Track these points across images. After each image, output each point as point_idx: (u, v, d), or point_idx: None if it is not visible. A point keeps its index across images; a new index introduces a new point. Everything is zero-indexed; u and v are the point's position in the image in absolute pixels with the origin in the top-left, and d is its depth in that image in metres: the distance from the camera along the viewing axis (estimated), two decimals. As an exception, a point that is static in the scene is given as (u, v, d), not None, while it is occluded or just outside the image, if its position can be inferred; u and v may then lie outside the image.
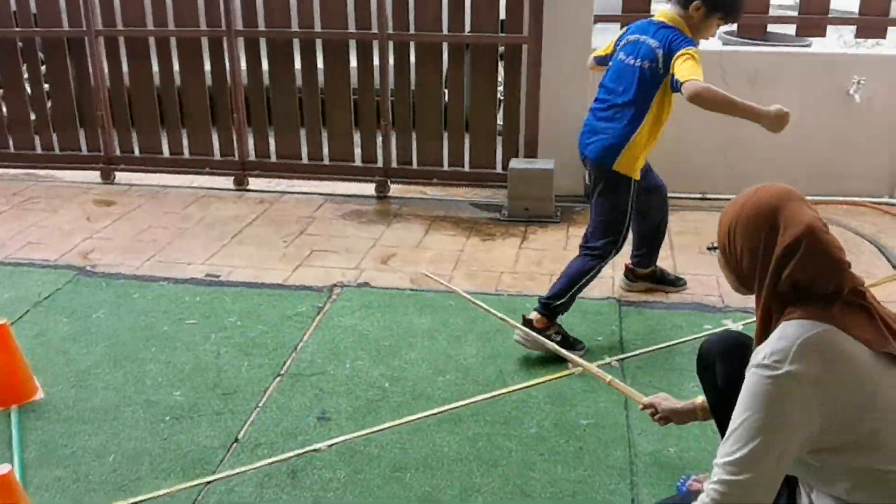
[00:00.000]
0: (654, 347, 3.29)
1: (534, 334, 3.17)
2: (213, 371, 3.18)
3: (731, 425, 1.79)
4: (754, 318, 1.90)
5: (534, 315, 3.25)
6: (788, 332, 1.76)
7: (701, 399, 2.46)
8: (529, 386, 3.04)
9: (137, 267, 4.12)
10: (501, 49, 4.90)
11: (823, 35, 4.74)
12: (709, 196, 4.96)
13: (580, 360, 2.92)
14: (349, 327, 3.48)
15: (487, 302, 3.62)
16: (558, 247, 4.35)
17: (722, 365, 2.27)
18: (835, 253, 1.80)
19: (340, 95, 5.04)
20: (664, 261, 3.94)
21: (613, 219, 3.21)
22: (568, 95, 4.77)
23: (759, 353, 1.77)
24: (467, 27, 4.84)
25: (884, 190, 4.88)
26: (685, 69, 2.92)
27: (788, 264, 1.78)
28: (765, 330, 1.85)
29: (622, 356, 3.23)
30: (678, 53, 2.97)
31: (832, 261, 1.79)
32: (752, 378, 1.77)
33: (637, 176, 3.20)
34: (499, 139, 5.03)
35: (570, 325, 3.39)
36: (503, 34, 4.80)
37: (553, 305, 3.21)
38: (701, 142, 4.76)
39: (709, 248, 2.21)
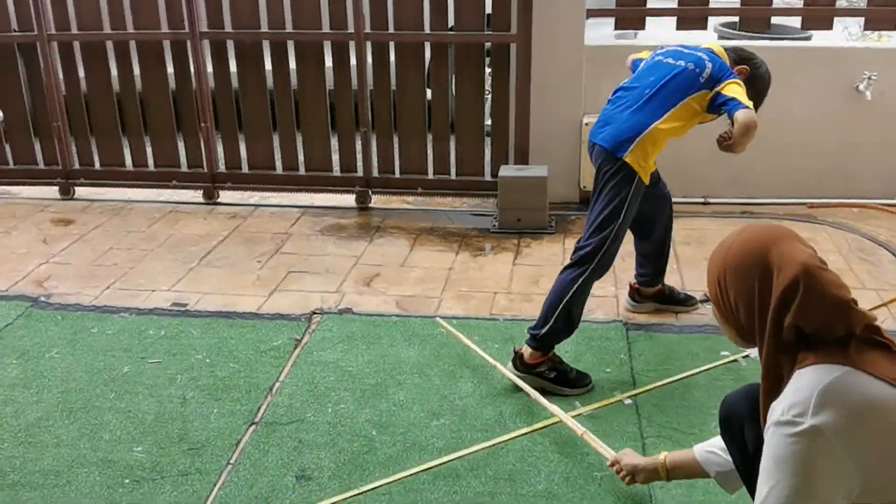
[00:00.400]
0: (669, 380, 2.98)
1: (515, 378, 2.87)
2: (178, 421, 2.83)
3: (758, 497, 1.60)
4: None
5: (525, 349, 2.93)
6: (804, 380, 1.59)
7: (664, 455, 2.25)
8: (534, 430, 2.72)
9: (96, 296, 3.76)
10: (488, 46, 4.57)
11: (830, 28, 4.44)
12: (711, 200, 4.66)
13: (555, 409, 2.68)
14: (330, 363, 3.15)
15: (482, 328, 3.33)
16: (555, 262, 4.02)
17: (752, 428, 1.97)
18: (837, 292, 1.64)
19: (315, 99, 4.69)
20: (670, 276, 3.63)
21: (608, 216, 2.87)
22: (560, 97, 4.45)
23: (776, 410, 1.60)
24: (451, 22, 4.50)
25: (895, 191, 4.59)
26: (739, 94, 2.79)
27: (789, 310, 1.62)
28: (774, 384, 1.67)
29: (635, 392, 2.92)
30: (729, 80, 2.84)
31: (836, 301, 1.63)
32: (773, 439, 1.58)
33: (645, 177, 2.89)
34: (487, 144, 4.69)
35: (575, 353, 3.08)
36: (489, 32, 4.46)
37: (542, 335, 2.89)
38: (702, 142, 4.44)
39: (702, 301, 1.97)
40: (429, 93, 4.64)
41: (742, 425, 2.05)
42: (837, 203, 4.57)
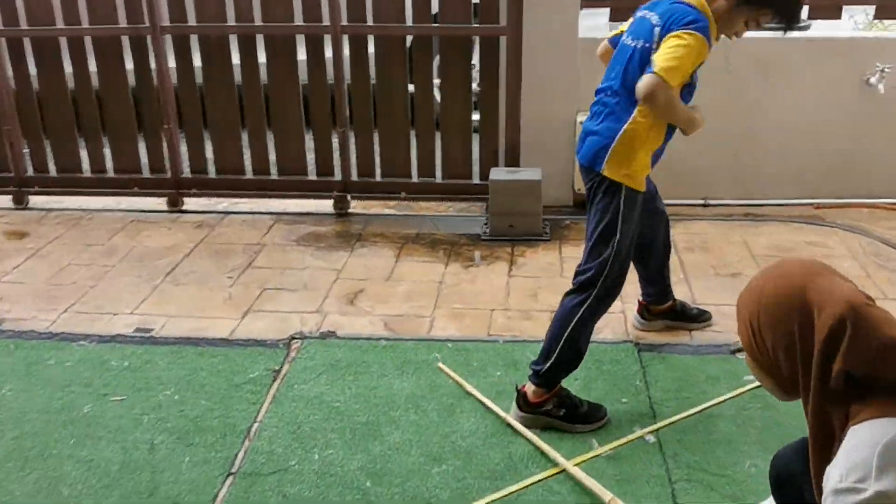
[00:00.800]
0: (692, 411, 2.70)
1: (515, 423, 2.59)
2: (146, 471, 2.50)
3: None
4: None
5: (528, 387, 2.63)
6: (861, 439, 1.42)
7: None
8: (549, 477, 2.43)
9: (53, 321, 3.39)
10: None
11: (838, 17, 4.19)
12: (711, 202, 4.39)
13: (574, 470, 2.40)
14: (314, 398, 2.82)
15: (481, 352, 3.03)
16: (553, 272, 3.73)
17: (811, 490, 1.71)
18: (890, 331, 1.46)
19: (288, 97, 4.34)
20: (678, 287, 3.36)
21: (602, 235, 2.54)
22: (553, 93, 4.15)
23: (833, 475, 1.43)
24: (434, 8, 4.18)
25: (906, 189, 4.36)
26: (661, 56, 2.31)
27: (835, 355, 1.46)
28: (825, 441, 1.51)
29: (656, 427, 2.63)
30: (669, 36, 2.35)
31: (889, 341, 1.45)
32: None
33: (636, 185, 2.53)
34: (475, 145, 4.38)
35: (585, 381, 2.79)
36: (477, 24, 4.14)
37: (545, 371, 2.58)
38: (702, 139, 4.18)
39: (733, 352, 1.75)
40: (411, 88, 4.31)
41: (800, 488, 1.80)
42: (846, 203, 4.32)
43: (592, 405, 2.66)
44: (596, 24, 4.39)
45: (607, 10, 4.23)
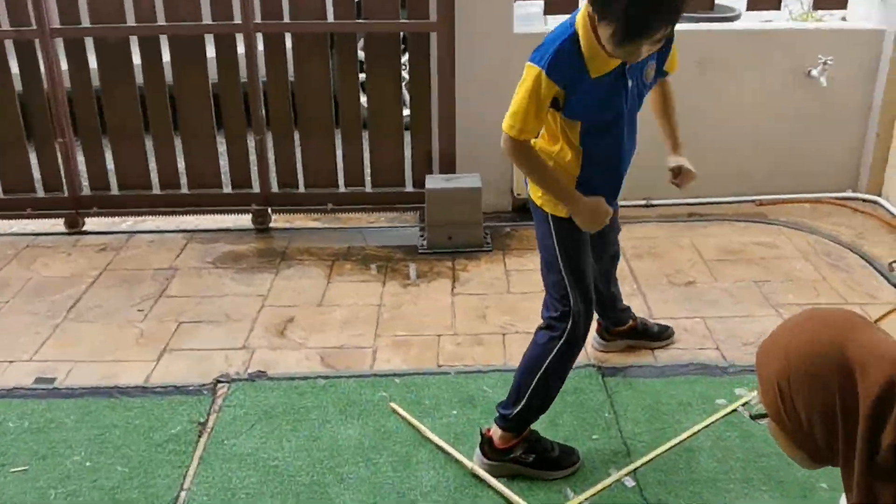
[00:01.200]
0: (668, 446, 2.48)
1: (481, 472, 2.33)
2: (52, 563, 2.12)
3: None
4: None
5: (493, 430, 2.37)
6: None
7: None
8: (524, 538, 2.17)
9: (-68, 373, 2.94)
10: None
11: (778, 7, 4.04)
12: (654, 203, 4.21)
13: None
14: (248, 456, 2.48)
15: (432, 387, 2.75)
16: (499, 288, 3.47)
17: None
18: None
19: (196, 101, 3.92)
20: (631, 300, 3.16)
21: (548, 265, 2.30)
22: (488, 93, 3.85)
23: None
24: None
25: (845, 183, 4.27)
26: (513, 100, 2.11)
27: (884, 425, 1.24)
28: None
29: (633, 466, 2.40)
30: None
31: None
32: None
33: (558, 212, 2.25)
34: (407, 150, 4.06)
35: (550, 415, 2.51)
36: (405, 20, 3.82)
37: (514, 415, 2.32)
38: (641, 138, 4.00)
39: (753, 418, 1.53)
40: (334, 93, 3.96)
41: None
42: (788, 199, 4.21)
43: (564, 448, 2.41)
44: (528, 14, 4.14)
45: (541, 1, 3.96)
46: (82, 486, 2.37)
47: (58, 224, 4.09)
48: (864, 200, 4.19)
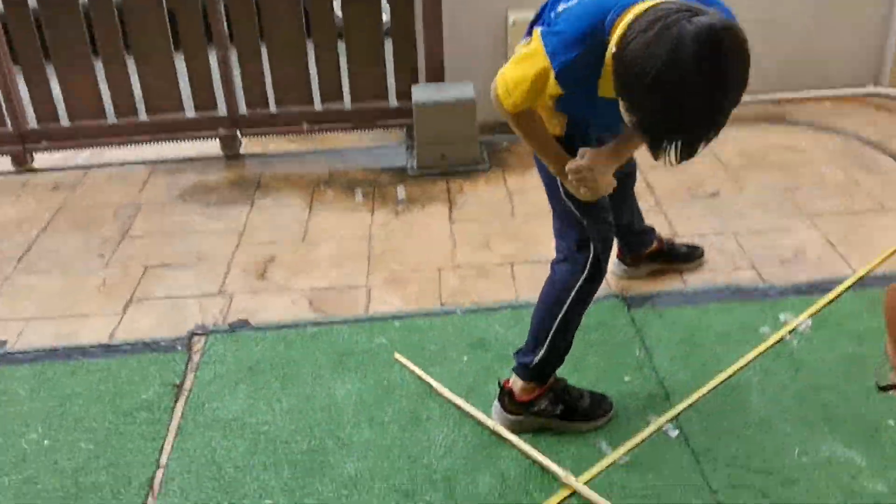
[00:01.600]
0: (711, 386, 2.18)
1: (501, 430, 2.02)
2: (11, 566, 1.81)
3: None
4: (819, 306, 1.47)
5: (513, 381, 2.05)
6: None
7: None
8: (563, 501, 1.87)
9: None
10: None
11: None
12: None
13: (589, 493, 1.85)
14: (234, 422, 2.16)
15: (436, 330, 2.43)
16: (502, 211, 3.11)
17: None
18: None
19: (149, 13, 3.45)
20: (652, 217, 2.83)
21: (562, 218, 1.97)
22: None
23: None
24: None
25: (866, 77, 3.90)
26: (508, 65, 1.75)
27: None
28: None
29: (674, 412, 2.10)
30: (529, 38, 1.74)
31: None
32: None
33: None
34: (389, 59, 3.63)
35: (575, 357, 2.18)
36: None
37: (536, 364, 2.00)
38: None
39: (882, 389, 1.19)
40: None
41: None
42: (808, 98, 3.84)
43: (594, 395, 2.10)
44: None
45: None
46: (40, 470, 2.04)
47: (3, 163, 3.66)
48: (889, 97, 3.83)
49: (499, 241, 2.91)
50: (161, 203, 3.32)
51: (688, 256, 2.67)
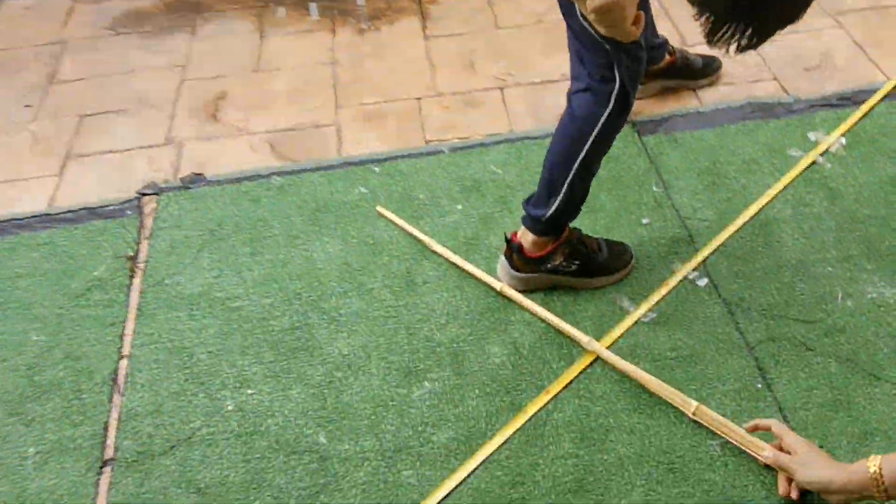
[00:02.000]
0: (738, 225, 1.93)
1: (509, 292, 1.76)
2: (-34, 484, 1.59)
3: None
4: (852, 122, 1.39)
5: (522, 235, 1.78)
6: None
7: (877, 463, 1.27)
8: (581, 373, 1.66)
9: None
10: None
11: None
12: None
13: (614, 359, 1.65)
14: (200, 297, 1.89)
15: (423, 173, 2.17)
16: (484, 23, 2.71)
17: None
18: None
19: None
20: (658, 25, 2.45)
21: (588, 47, 1.56)
22: None
23: None
24: None
25: None
26: None
27: None
28: None
29: (700, 258, 1.86)
30: None
31: None
32: None
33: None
34: None
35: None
36: None
37: (549, 216, 1.71)
38: None
39: None
40: None
41: None
42: None
43: (613, 245, 1.84)
44: None
45: None
46: (-13, 370, 1.78)
47: None
48: None
49: (484, 60, 2.54)
50: (89, 38, 2.86)
51: (704, 70, 2.33)
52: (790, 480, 1.41)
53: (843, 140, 2.11)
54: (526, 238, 1.76)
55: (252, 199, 2.12)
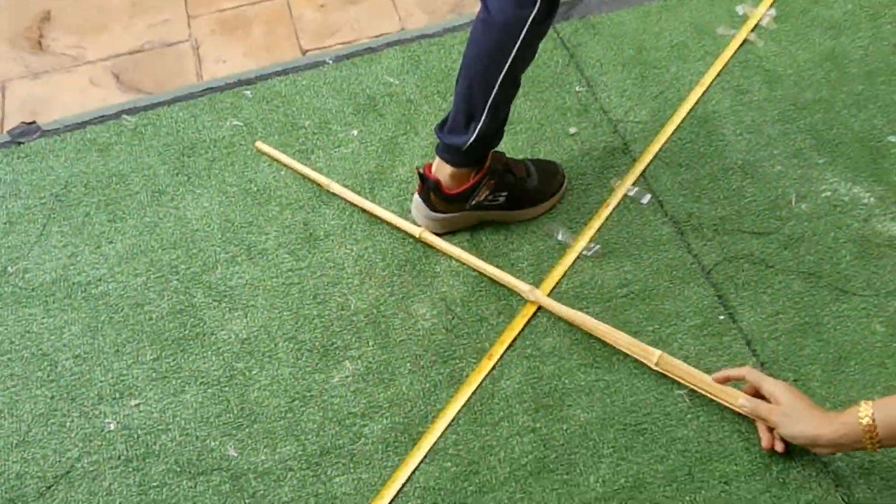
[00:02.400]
0: (675, 125, 1.70)
1: (429, 237, 1.51)
2: None
3: None
4: None
5: (437, 168, 1.49)
6: None
7: (868, 410, 1.14)
8: (525, 326, 1.44)
9: None
10: None
11: None
12: None
13: (544, 299, 1.47)
14: (53, 287, 1.54)
15: (303, 93, 1.85)
16: None
17: None
18: None
19: None
20: None
21: None
22: None
23: None
24: None
25: None
26: None
27: None
28: None
29: (639, 170, 1.63)
30: None
31: None
32: None
33: None
34: None
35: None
36: None
37: (470, 144, 1.42)
38: None
39: None
40: None
41: None
42: None
43: (541, 166, 1.58)
44: None
45: None
46: None
47: None
48: None
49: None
50: None
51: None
52: (772, 429, 1.26)
53: (773, 12, 1.88)
54: (443, 171, 1.48)
55: (101, 149, 1.74)
